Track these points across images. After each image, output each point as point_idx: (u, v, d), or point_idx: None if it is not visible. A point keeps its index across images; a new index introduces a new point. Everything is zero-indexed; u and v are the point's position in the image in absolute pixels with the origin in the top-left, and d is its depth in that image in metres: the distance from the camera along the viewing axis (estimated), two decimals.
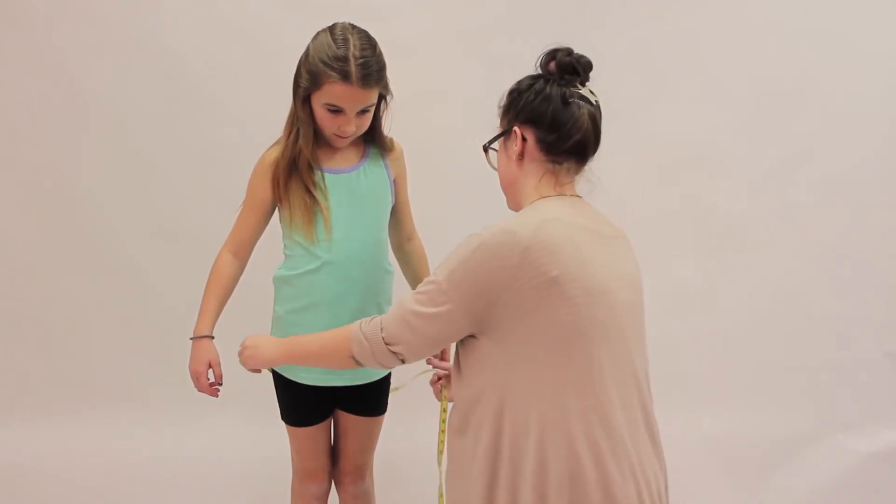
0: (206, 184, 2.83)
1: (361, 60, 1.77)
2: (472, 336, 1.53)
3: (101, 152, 2.87)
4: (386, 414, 2.12)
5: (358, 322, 1.61)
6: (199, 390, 1.90)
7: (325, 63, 1.77)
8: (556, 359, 1.45)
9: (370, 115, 1.88)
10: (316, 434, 2.05)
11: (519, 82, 1.64)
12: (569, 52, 1.64)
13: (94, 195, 2.90)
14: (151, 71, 2.82)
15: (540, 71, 1.64)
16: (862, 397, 3.00)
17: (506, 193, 1.68)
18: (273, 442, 2.29)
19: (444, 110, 2.84)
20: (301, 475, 2.11)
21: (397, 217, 2.06)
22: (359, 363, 1.61)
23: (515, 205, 1.65)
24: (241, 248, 1.95)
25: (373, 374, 2.01)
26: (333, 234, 1.90)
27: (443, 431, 1.84)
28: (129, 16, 2.80)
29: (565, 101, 1.58)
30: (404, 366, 1.63)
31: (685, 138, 2.92)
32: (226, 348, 1.96)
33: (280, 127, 1.93)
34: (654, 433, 1.58)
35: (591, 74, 2.83)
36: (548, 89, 1.59)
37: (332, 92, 1.78)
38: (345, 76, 1.76)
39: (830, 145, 2.94)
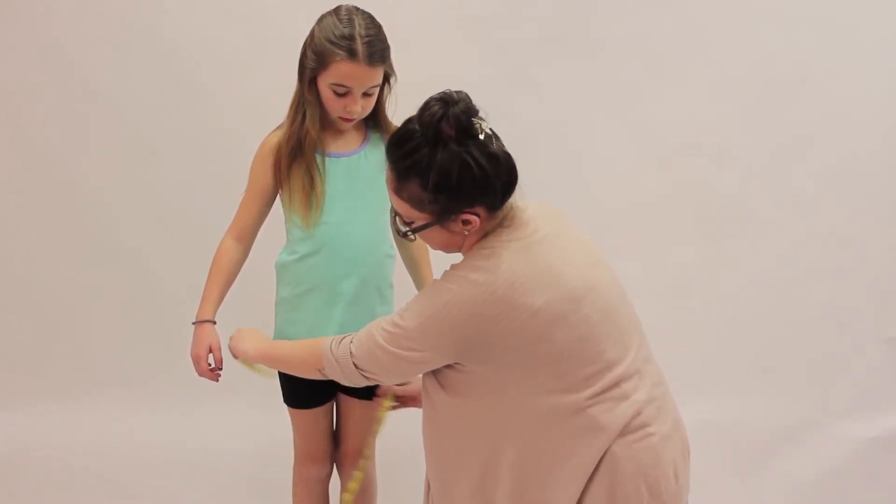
0: (206, 171, 2.82)
1: (367, 39, 1.79)
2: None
3: (101, 140, 2.86)
4: None
5: (328, 341, 1.65)
6: (200, 374, 1.92)
7: (331, 42, 1.79)
8: (563, 368, 1.49)
9: (375, 97, 1.89)
10: (318, 417, 2.07)
11: (441, 172, 1.46)
12: (449, 104, 1.47)
13: (95, 182, 2.89)
14: (151, 59, 2.80)
15: (429, 136, 1.47)
16: (862, 384, 3.00)
17: (446, 251, 1.65)
18: (275, 426, 2.30)
19: None
20: (302, 458, 2.12)
21: None
22: (325, 376, 1.67)
23: (457, 250, 1.63)
24: (244, 234, 1.97)
25: None
26: (331, 217, 1.91)
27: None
28: (129, 4, 2.79)
29: (491, 155, 1.47)
30: None
31: (685, 125, 2.91)
32: (228, 334, 1.98)
33: (280, 114, 1.94)
34: (673, 401, 1.65)
35: (591, 60, 2.86)
36: (473, 155, 1.46)
37: (339, 71, 1.79)
38: (351, 54, 1.78)
39: (832, 133, 2.93)
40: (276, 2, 2.76)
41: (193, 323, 1.91)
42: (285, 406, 2.09)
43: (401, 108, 1.98)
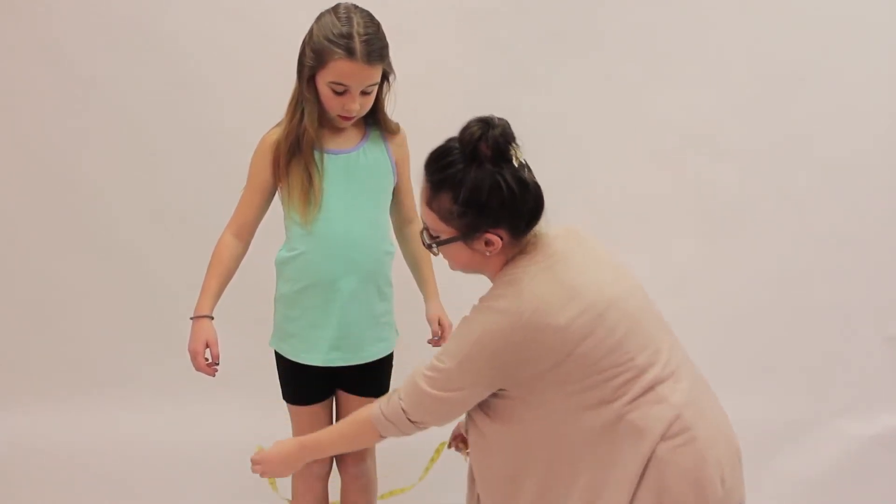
0: (206, 169, 2.83)
1: (366, 37, 1.80)
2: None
3: (101, 139, 2.87)
4: None
5: (375, 407, 1.68)
6: (197, 369, 1.93)
7: (329, 41, 1.79)
8: (595, 379, 1.53)
9: (374, 95, 1.90)
10: (317, 413, 2.07)
11: (473, 188, 1.53)
12: (489, 125, 1.54)
13: (94, 179, 2.89)
14: (151, 58, 2.81)
15: (466, 154, 1.55)
16: (862, 382, 3.00)
17: (465, 272, 1.71)
18: (274, 422, 2.30)
19: (443, 94, 2.83)
20: None
21: (398, 200, 2.08)
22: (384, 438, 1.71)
23: (477, 272, 1.69)
24: (243, 230, 1.98)
25: (374, 354, 2.02)
26: (330, 214, 1.92)
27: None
28: (129, 3, 2.79)
29: (522, 181, 1.55)
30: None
31: (685, 122, 2.91)
32: (228, 331, 1.98)
33: (280, 113, 1.95)
34: (715, 402, 1.68)
35: (593, 57, 2.85)
36: (505, 177, 1.53)
37: (338, 69, 1.80)
38: (350, 52, 1.79)
39: (832, 130, 2.93)
40: (276, 0, 2.76)
41: (191, 318, 1.92)
42: (285, 403, 2.10)
43: (401, 106, 1.99)
